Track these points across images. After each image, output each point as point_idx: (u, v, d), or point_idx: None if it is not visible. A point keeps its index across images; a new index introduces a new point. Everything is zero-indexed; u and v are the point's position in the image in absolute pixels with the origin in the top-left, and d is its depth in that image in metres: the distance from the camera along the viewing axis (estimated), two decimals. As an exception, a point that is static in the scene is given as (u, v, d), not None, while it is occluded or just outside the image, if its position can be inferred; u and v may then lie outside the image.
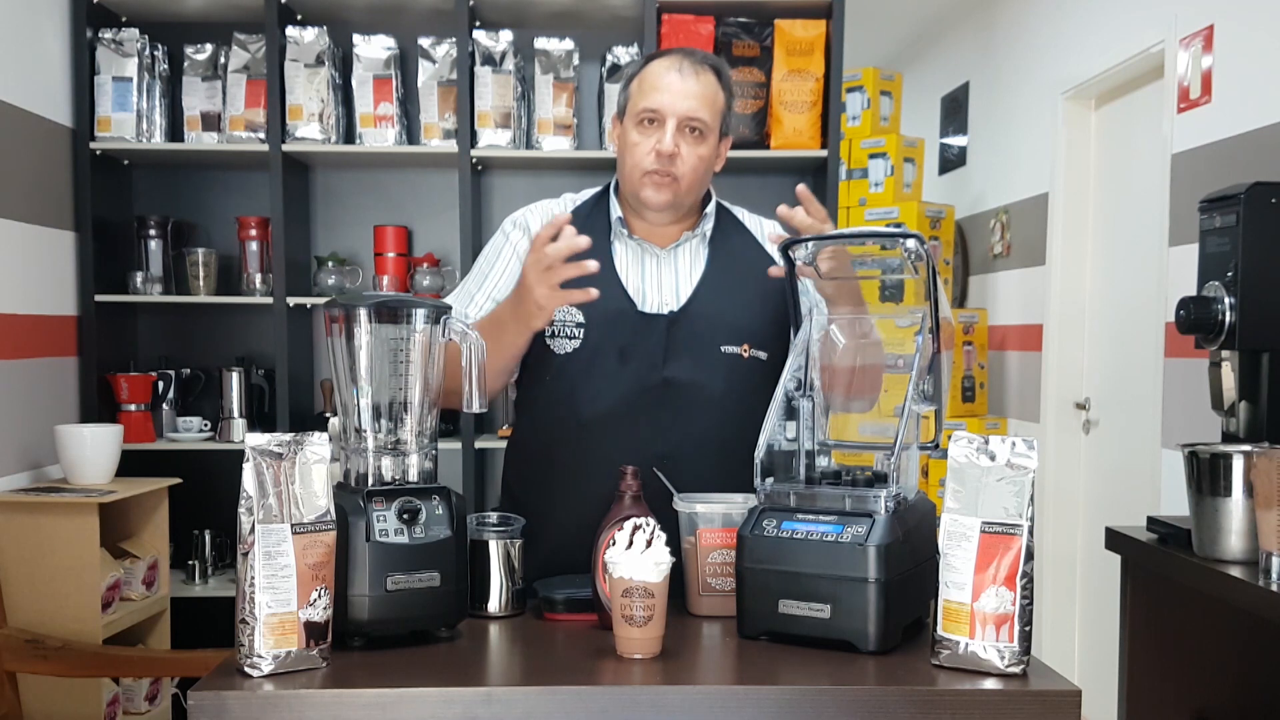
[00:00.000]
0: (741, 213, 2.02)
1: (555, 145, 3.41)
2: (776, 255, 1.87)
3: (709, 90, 1.86)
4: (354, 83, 3.42)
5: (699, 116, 1.84)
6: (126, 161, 3.52)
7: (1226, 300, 2.06)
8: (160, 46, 3.44)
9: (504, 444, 3.38)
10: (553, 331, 1.85)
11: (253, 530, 1.31)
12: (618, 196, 1.94)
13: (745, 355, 1.86)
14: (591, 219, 1.93)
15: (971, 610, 1.32)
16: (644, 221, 1.92)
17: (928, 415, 1.57)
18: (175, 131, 3.47)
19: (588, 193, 1.99)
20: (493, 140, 3.36)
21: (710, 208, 1.94)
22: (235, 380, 3.45)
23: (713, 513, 1.59)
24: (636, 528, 1.42)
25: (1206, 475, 1.93)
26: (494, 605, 1.61)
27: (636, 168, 1.85)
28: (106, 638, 2.77)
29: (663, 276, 1.90)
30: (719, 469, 1.75)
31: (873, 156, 4.58)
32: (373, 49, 3.41)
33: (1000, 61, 5.02)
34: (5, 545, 2.71)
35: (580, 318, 1.85)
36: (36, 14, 3.14)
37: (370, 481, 1.48)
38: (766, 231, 1.98)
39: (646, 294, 1.88)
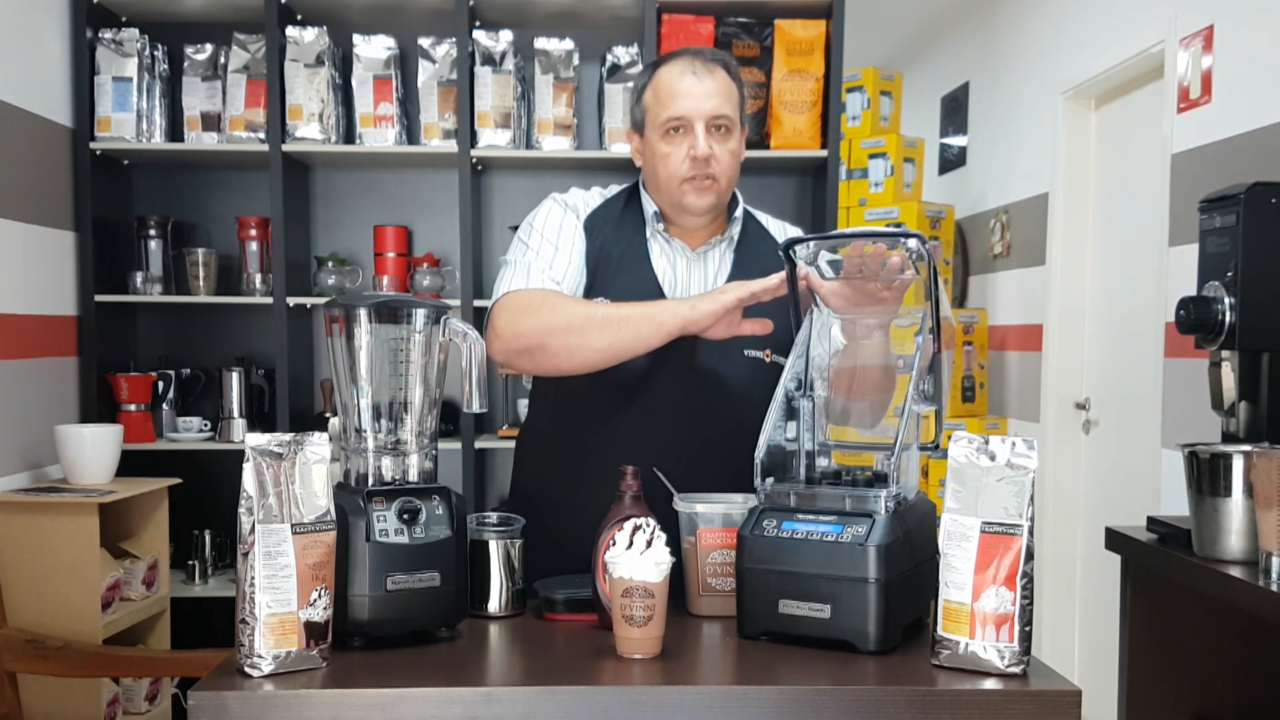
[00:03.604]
0: (766, 218, 2.02)
1: (555, 145, 3.41)
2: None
3: (725, 85, 1.85)
4: (354, 83, 3.42)
5: (723, 113, 1.83)
6: (126, 161, 3.52)
7: (1226, 300, 2.06)
8: (160, 46, 3.44)
9: (504, 444, 3.41)
10: None
11: (253, 530, 1.31)
12: (649, 194, 1.94)
13: (767, 360, 1.86)
14: (625, 216, 1.94)
15: (971, 610, 1.32)
16: (677, 223, 1.92)
17: (928, 415, 1.57)
18: (175, 131, 3.47)
19: (615, 188, 1.99)
20: (493, 140, 3.36)
21: (738, 212, 1.94)
22: (235, 380, 3.45)
23: (713, 513, 1.59)
24: (636, 528, 1.42)
25: (1206, 475, 1.93)
26: (494, 605, 1.61)
27: (674, 177, 1.84)
28: (106, 638, 2.77)
29: (692, 277, 1.91)
30: (735, 469, 1.74)
31: (873, 156, 4.58)
32: (373, 49, 3.41)
33: (1000, 61, 5.02)
34: (5, 545, 2.71)
35: None
36: (36, 14, 3.14)
37: (370, 481, 1.48)
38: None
39: (678, 292, 1.89)
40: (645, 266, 1.89)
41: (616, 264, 1.88)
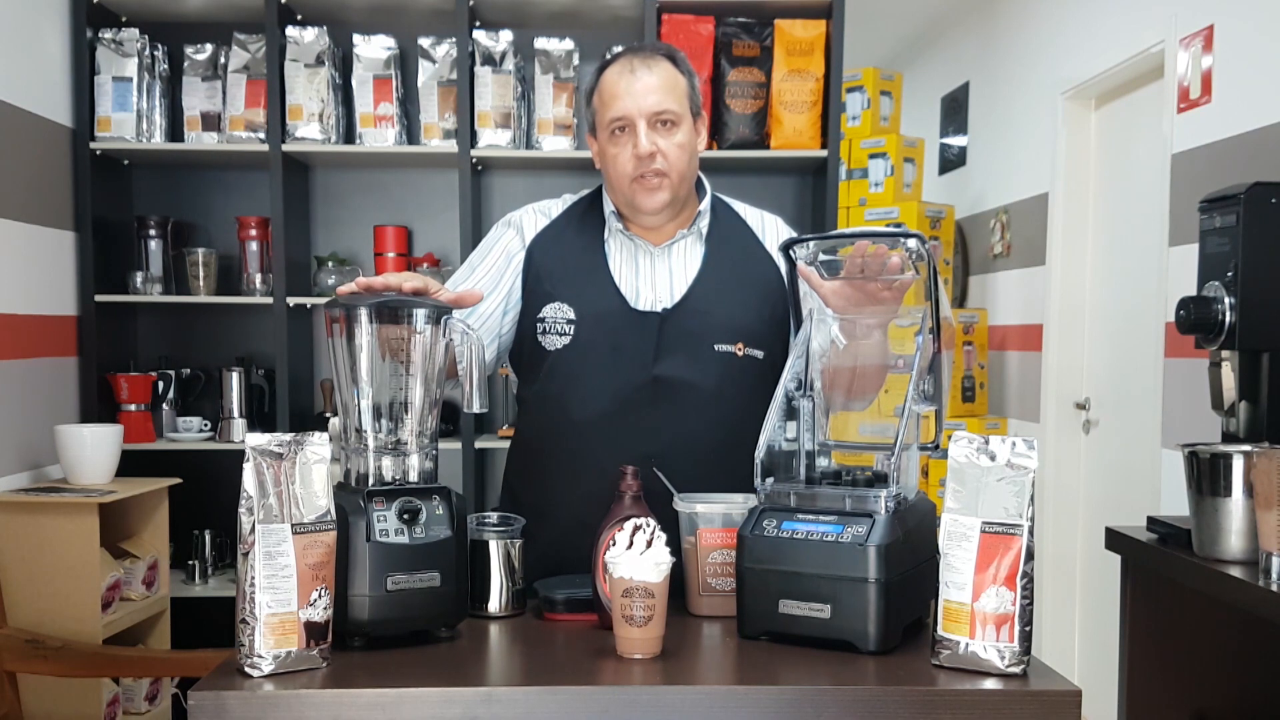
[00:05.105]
0: (743, 208, 1.99)
1: (555, 145, 3.41)
2: (777, 255, 1.87)
3: (667, 78, 1.83)
4: (354, 83, 3.42)
5: (665, 108, 1.81)
6: (126, 161, 3.52)
7: (1226, 300, 2.06)
8: (160, 46, 3.44)
9: (504, 444, 3.41)
10: (544, 328, 1.85)
11: (253, 530, 1.31)
12: (608, 195, 1.94)
13: (740, 354, 1.84)
14: (586, 218, 1.93)
15: (971, 610, 1.32)
16: (636, 221, 1.91)
17: (928, 415, 1.57)
18: (175, 131, 3.47)
19: (585, 193, 1.99)
20: (493, 140, 3.36)
21: (705, 204, 1.92)
22: (235, 380, 3.45)
23: (713, 513, 1.59)
24: (637, 528, 1.42)
25: (1206, 475, 1.93)
26: (494, 605, 1.61)
27: (622, 177, 1.84)
28: (106, 638, 2.77)
29: (656, 274, 1.88)
30: (711, 468, 1.74)
31: (873, 156, 4.58)
32: (373, 49, 3.41)
33: (1000, 61, 5.02)
34: (5, 545, 2.71)
35: (571, 314, 1.84)
36: (36, 14, 3.14)
37: (370, 481, 1.48)
38: (768, 229, 1.97)
39: (640, 291, 1.87)
40: (602, 269, 1.88)
41: (575, 268, 1.88)
